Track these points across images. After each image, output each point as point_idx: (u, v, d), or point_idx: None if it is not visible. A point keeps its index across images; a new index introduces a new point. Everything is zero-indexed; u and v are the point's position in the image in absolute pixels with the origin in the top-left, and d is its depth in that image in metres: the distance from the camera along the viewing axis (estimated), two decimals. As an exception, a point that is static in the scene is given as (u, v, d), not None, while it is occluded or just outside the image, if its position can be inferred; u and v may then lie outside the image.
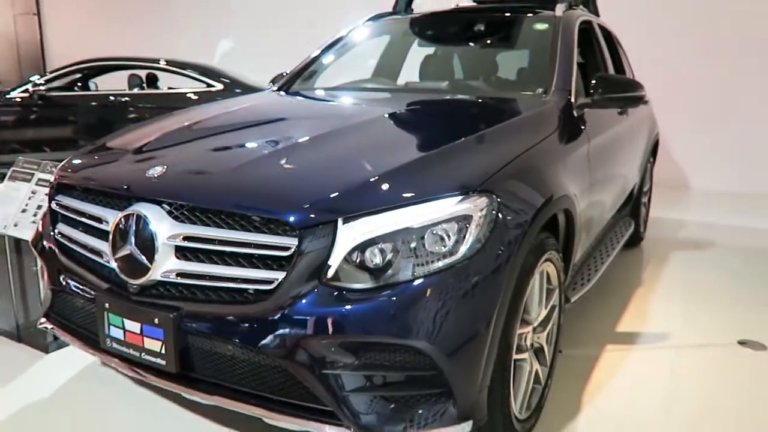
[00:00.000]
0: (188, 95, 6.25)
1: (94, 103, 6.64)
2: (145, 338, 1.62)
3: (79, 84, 7.21)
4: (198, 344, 1.59)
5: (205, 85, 6.40)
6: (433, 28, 3.31)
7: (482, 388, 1.57)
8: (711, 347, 2.77)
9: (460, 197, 1.55)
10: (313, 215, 1.46)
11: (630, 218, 3.92)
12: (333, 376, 1.45)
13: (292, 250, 1.45)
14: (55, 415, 2.14)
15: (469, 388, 1.53)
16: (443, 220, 1.51)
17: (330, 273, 1.46)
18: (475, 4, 3.92)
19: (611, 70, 3.30)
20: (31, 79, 6.49)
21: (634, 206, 4.04)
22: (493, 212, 1.57)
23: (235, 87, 6.09)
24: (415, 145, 1.81)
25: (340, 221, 1.47)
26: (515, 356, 1.81)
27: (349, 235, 1.47)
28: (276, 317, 1.46)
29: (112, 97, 6.43)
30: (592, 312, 3.12)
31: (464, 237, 1.52)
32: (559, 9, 2.95)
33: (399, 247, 1.48)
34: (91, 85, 7.42)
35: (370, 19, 3.44)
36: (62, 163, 2.06)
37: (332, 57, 3.30)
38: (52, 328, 1.99)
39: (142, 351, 1.64)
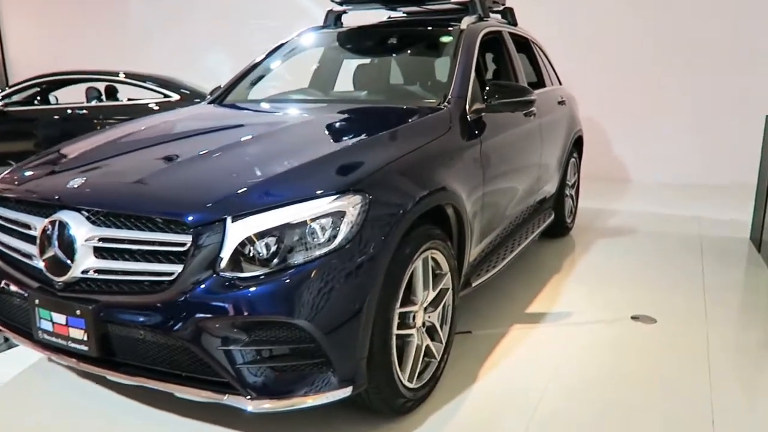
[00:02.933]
0: (148, 106, 6.49)
1: (53, 117, 6.79)
2: (70, 328, 1.88)
3: (39, 98, 7.37)
4: (116, 331, 1.85)
5: (162, 96, 6.64)
6: (355, 41, 3.59)
7: (360, 358, 1.85)
8: (606, 323, 3.09)
9: (335, 196, 1.83)
10: (204, 215, 1.74)
11: (551, 210, 4.24)
12: (227, 352, 1.72)
13: (188, 245, 1.72)
14: (6, 412, 2.35)
15: (347, 358, 1.81)
16: (320, 216, 1.79)
17: (223, 264, 1.73)
18: (405, 16, 4.23)
19: (521, 76, 3.60)
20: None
21: (557, 199, 4.38)
22: (365, 208, 1.85)
23: (193, 97, 6.33)
24: (306, 152, 2.08)
25: (229, 219, 1.74)
26: (402, 332, 2.10)
27: (238, 231, 1.74)
28: (177, 304, 1.72)
29: (69, 110, 6.60)
30: (508, 295, 3.43)
31: (339, 230, 1.80)
32: (465, 22, 3.25)
33: (282, 240, 1.75)
34: (52, 99, 7.59)
35: (301, 34, 3.71)
36: None
37: (266, 70, 3.56)
38: (-1, 329, 2.23)
39: (69, 340, 1.89)
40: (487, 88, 2.81)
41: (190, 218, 1.73)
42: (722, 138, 6.80)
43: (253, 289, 1.71)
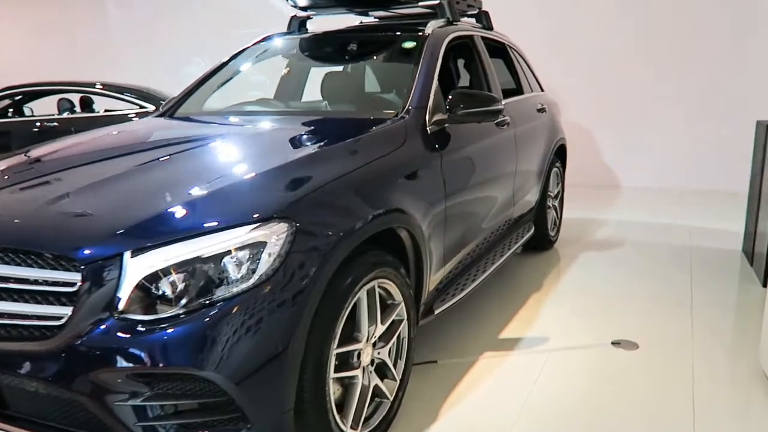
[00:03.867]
0: (127, 117, 6.30)
1: (24, 129, 6.57)
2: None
3: (12, 110, 7.16)
4: (6, 381, 1.61)
5: (139, 108, 6.45)
6: (316, 48, 3.37)
7: (286, 410, 1.62)
8: (585, 349, 2.85)
9: (254, 225, 1.60)
10: (97, 250, 1.50)
11: (531, 224, 4.02)
12: (126, 408, 1.49)
13: (78, 285, 1.49)
14: None
15: (269, 411, 1.58)
16: (235, 248, 1.56)
17: (120, 305, 1.50)
18: (377, 21, 4.02)
19: (494, 83, 3.38)
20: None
21: (538, 212, 4.15)
22: (291, 238, 1.62)
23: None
24: (228, 173, 1.85)
25: (127, 254, 1.51)
26: (343, 374, 1.87)
27: (138, 267, 1.50)
28: (67, 352, 1.49)
29: (38, 123, 6.39)
30: (480, 318, 3.20)
31: (258, 264, 1.57)
32: (430, 26, 3.03)
33: (190, 278, 1.52)
34: (27, 111, 7.38)
35: (261, 41, 3.49)
36: None
37: (225, 78, 3.34)
38: None
39: (-44, 391, 1.65)
40: (450, 97, 2.59)
41: (80, 253, 1.50)
42: (713, 143, 6.60)
43: (153, 334, 1.48)
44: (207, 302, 1.52)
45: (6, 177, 2.08)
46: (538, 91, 4.48)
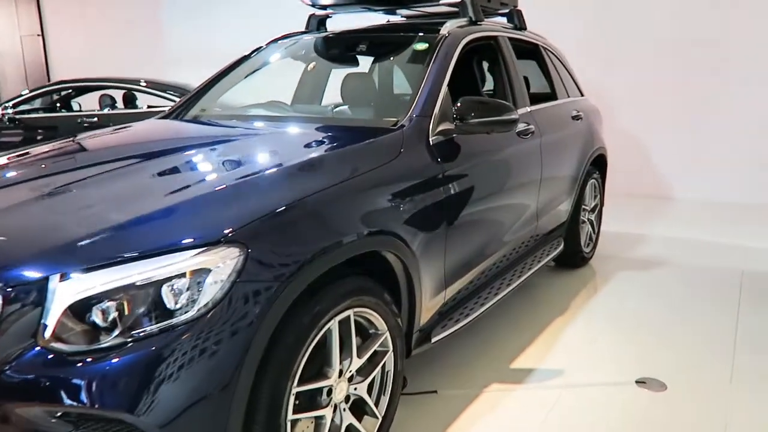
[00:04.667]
0: (157, 113, 6.31)
1: (66, 124, 6.72)
2: None
3: (59, 105, 7.36)
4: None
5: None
6: (326, 49, 3.19)
7: (227, 457, 1.45)
8: (605, 387, 2.56)
9: (198, 249, 1.43)
10: (19, 273, 1.37)
11: (560, 240, 3.72)
12: (47, 448, 1.35)
13: (-1, 310, 1.36)
14: None
15: (206, 458, 1.41)
16: (176, 274, 1.40)
17: (47, 334, 1.36)
18: (404, 20, 3.81)
19: (519, 88, 3.12)
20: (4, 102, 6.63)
21: (570, 226, 3.85)
22: (240, 265, 1.45)
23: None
24: (182, 188, 1.68)
25: (55, 278, 1.37)
26: (307, 414, 1.69)
27: (67, 292, 1.36)
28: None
29: (79, 119, 6.51)
30: (491, 343, 2.95)
31: (201, 293, 1.41)
32: (447, 27, 2.80)
33: (123, 307, 1.37)
34: (75, 106, 7.57)
35: (274, 40, 3.35)
36: None
37: (235, 79, 3.21)
38: None
39: None
40: (457, 105, 2.36)
41: (2, 276, 1.37)
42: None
43: (79, 368, 1.33)
44: (141, 335, 1.36)
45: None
46: (576, 96, 4.16)
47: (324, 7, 3.42)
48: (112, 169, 1.96)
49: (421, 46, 2.76)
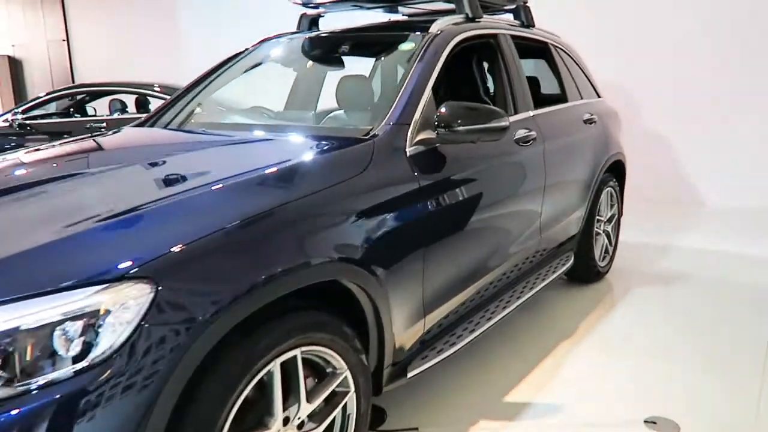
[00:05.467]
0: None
1: (77, 129, 6.68)
2: None
3: (72, 109, 7.34)
4: None
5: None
6: (307, 51, 2.97)
7: None
8: (609, 427, 2.28)
9: (98, 287, 1.22)
10: None
11: (569, 255, 3.42)
12: None
13: None
14: None
15: None
16: (68, 317, 1.19)
17: None
18: (406, 18, 3.59)
19: (520, 90, 2.85)
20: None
21: (581, 239, 3.55)
22: (148, 305, 1.24)
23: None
24: (93, 213, 1.45)
25: None
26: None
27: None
28: None
29: (88, 125, 6.46)
30: (484, 372, 2.68)
31: (99, 338, 1.20)
32: (437, 25, 2.55)
33: (6, 354, 1.17)
34: (90, 110, 7.55)
35: (260, 42, 3.15)
36: None
37: (219, 83, 3.02)
38: None
39: None
40: (440, 111, 2.11)
41: None
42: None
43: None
44: (22, 389, 1.16)
45: None
46: (592, 98, 3.85)
47: (315, 6, 3.22)
48: (26, 191, 1.77)
49: (406, 46, 2.52)
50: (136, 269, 1.26)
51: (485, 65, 3.26)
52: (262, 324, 1.46)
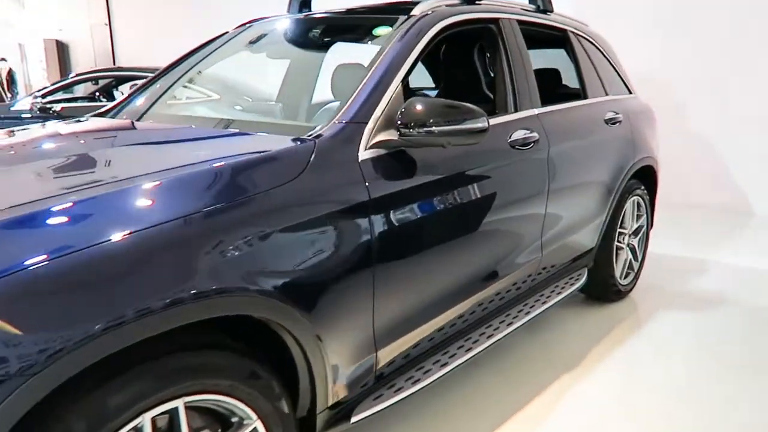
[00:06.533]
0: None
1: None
2: None
3: (98, 94, 7.32)
4: None
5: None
6: (287, 35, 2.65)
7: None
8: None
9: None
10: None
11: (582, 272, 3.02)
12: None
13: None
14: None
15: None
16: None
17: None
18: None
19: (524, 86, 2.46)
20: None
21: (599, 254, 3.14)
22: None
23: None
24: None
25: None
26: None
27: None
28: None
29: (104, 108, 6.36)
30: (469, 403, 2.34)
31: None
32: (421, 7, 2.20)
33: None
34: (117, 95, 7.51)
35: (243, 24, 2.86)
36: None
37: (187, 70, 2.76)
38: None
39: None
40: (403, 108, 1.78)
41: None
42: None
43: None
44: None
45: None
46: (622, 93, 3.41)
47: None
48: None
49: (381, 30, 2.18)
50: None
51: (487, 55, 2.88)
52: (125, 370, 1.18)
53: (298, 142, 1.65)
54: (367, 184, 1.68)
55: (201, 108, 2.54)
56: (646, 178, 3.48)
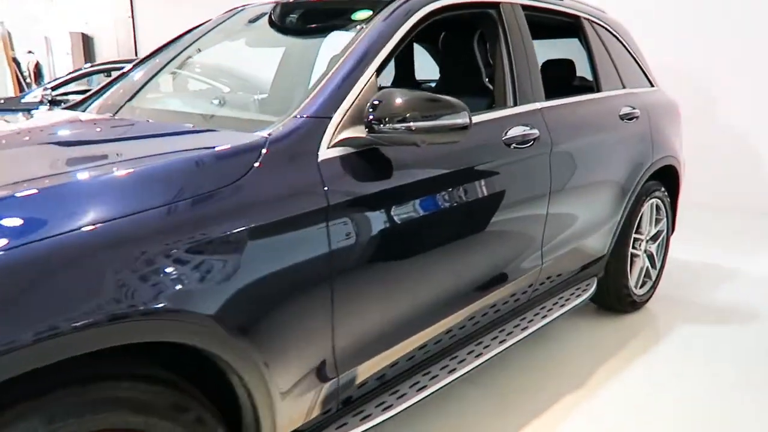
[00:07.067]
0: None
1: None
2: None
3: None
4: None
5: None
6: (269, 22, 2.45)
7: None
8: None
9: None
10: None
11: (591, 282, 2.77)
12: None
13: None
14: None
15: None
16: None
17: None
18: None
19: (525, 78, 2.22)
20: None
21: (612, 261, 2.88)
22: None
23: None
24: None
25: None
26: None
27: None
28: None
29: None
30: (458, 428, 2.13)
31: None
32: (407, -12, 1.98)
33: None
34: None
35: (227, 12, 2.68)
36: None
37: (167, 61, 2.59)
38: None
39: None
40: (375, 101, 1.56)
41: None
42: None
43: None
44: None
45: None
46: (642, 86, 3.13)
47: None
48: None
49: (360, 15, 1.96)
50: None
51: (486, 44, 2.64)
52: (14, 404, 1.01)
53: (246, 140, 1.45)
54: (326, 188, 1.48)
55: (175, 101, 2.36)
56: (668, 179, 3.19)
